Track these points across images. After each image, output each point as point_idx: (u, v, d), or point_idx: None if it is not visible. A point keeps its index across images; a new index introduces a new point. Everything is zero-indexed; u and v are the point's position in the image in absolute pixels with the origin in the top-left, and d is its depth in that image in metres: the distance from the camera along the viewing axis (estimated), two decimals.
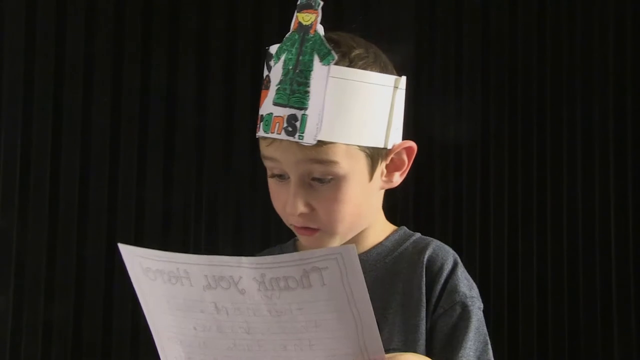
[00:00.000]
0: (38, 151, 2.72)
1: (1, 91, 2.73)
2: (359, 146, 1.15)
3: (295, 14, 1.16)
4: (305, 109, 1.11)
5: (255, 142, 1.26)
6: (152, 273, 0.92)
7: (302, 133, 1.11)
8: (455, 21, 2.82)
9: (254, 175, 2.73)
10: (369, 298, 0.89)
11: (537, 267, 2.73)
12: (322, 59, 1.12)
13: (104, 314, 2.69)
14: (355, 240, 1.21)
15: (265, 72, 1.19)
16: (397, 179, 1.23)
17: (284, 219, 1.20)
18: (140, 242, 2.78)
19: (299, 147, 1.12)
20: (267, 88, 1.17)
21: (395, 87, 1.18)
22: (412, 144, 1.22)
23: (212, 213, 2.74)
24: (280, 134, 1.13)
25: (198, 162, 2.77)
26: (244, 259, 0.88)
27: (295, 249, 1.30)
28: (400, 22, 2.73)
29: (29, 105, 2.73)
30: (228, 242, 2.70)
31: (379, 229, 1.26)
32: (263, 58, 1.21)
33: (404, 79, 1.19)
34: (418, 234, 1.27)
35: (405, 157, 1.22)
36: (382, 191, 1.24)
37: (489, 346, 1.18)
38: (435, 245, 1.23)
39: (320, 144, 1.11)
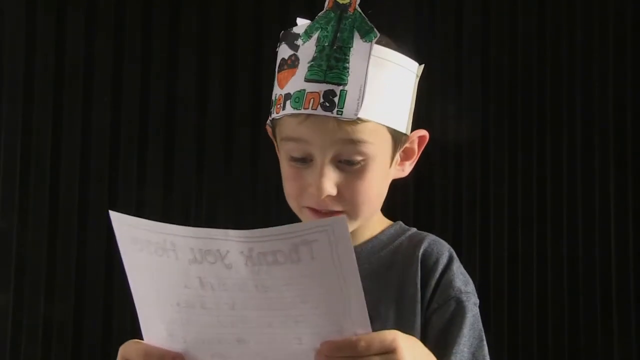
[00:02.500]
0: (38, 151, 2.72)
1: (1, 91, 2.73)
2: (387, 127, 1.14)
3: None
4: (345, 84, 1.09)
5: (255, 142, 1.26)
6: (140, 243, 0.90)
7: (342, 108, 1.09)
8: (455, 21, 2.82)
9: (254, 174, 2.73)
10: (357, 272, 0.87)
11: (537, 267, 2.73)
12: (363, 36, 1.11)
13: (104, 314, 2.69)
14: (352, 232, 1.19)
15: (289, 52, 1.14)
16: (408, 168, 1.24)
17: (298, 203, 1.17)
18: None
19: (336, 125, 1.10)
20: (294, 66, 1.13)
21: (417, 75, 1.19)
22: (426, 132, 1.24)
23: (212, 213, 2.74)
24: (316, 109, 1.09)
25: (198, 162, 2.77)
26: (231, 232, 0.85)
27: None
28: (401, 22, 2.73)
29: (29, 105, 2.73)
30: None
31: (376, 223, 1.25)
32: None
33: (422, 67, 1.19)
34: (414, 229, 1.27)
35: (416, 147, 1.23)
36: (390, 181, 1.24)
37: (485, 342, 1.17)
38: (431, 240, 1.23)
39: (357, 122, 1.10)
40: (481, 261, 2.71)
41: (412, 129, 1.23)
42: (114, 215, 0.90)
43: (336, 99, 1.09)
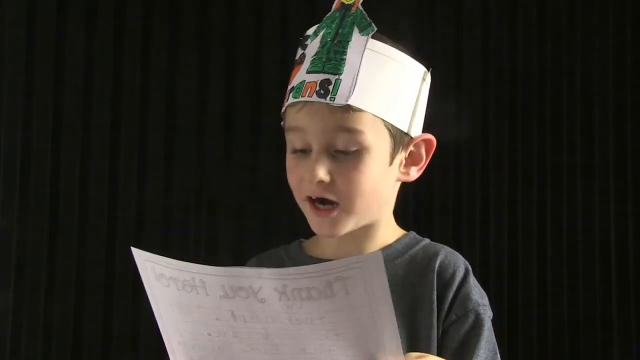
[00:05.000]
0: (38, 151, 2.72)
1: (1, 91, 2.73)
2: (384, 121, 1.16)
3: None
4: (340, 74, 1.13)
5: (255, 142, 1.27)
6: (166, 279, 0.91)
7: (334, 95, 1.12)
8: (455, 21, 2.82)
9: (254, 174, 2.73)
10: (392, 304, 0.88)
11: (537, 268, 2.73)
12: (361, 30, 1.15)
13: (104, 314, 2.69)
14: (364, 238, 1.20)
15: (300, 52, 1.20)
16: (414, 173, 1.24)
17: (299, 193, 1.19)
18: (140, 242, 2.79)
19: (328, 112, 1.13)
20: (302, 63, 1.18)
21: (423, 79, 1.22)
22: (432, 137, 1.24)
23: (212, 213, 2.74)
24: (312, 96, 1.13)
25: (198, 162, 2.77)
26: (264, 270, 0.86)
27: (301, 250, 1.27)
28: (400, 22, 2.73)
29: (29, 105, 2.73)
30: (228, 242, 2.70)
31: (389, 231, 1.25)
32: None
33: (429, 73, 1.22)
34: (427, 240, 1.26)
35: (423, 152, 1.24)
36: (398, 185, 1.24)
37: (498, 356, 1.19)
38: (447, 252, 1.22)
39: (349, 110, 1.13)
40: (481, 262, 2.71)
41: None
42: (137, 253, 0.91)
43: (330, 87, 1.13)
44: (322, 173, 1.14)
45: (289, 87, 1.18)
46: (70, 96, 2.75)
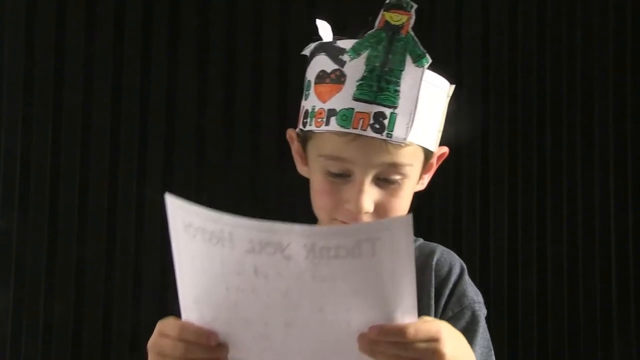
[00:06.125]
0: (38, 151, 2.72)
1: (1, 91, 2.73)
2: (423, 148, 1.17)
3: (382, 12, 1.15)
4: (395, 107, 1.11)
5: (255, 142, 1.26)
6: (193, 230, 0.91)
7: (391, 131, 1.10)
8: (455, 21, 2.82)
9: (254, 175, 2.73)
10: (414, 267, 0.89)
11: (537, 268, 2.73)
12: (415, 60, 1.13)
13: (104, 314, 2.69)
14: None
15: (332, 66, 1.14)
16: (426, 181, 1.27)
17: (329, 216, 1.17)
18: (141, 242, 2.79)
19: (383, 147, 1.11)
20: (340, 82, 1.13)
21: (448, 95, 1.21)
22: (447, 149, 1.26)
23: None
24: (365, 130, 1.10)
25: (198, 162, 2.77)
26: (296, 227, 0.86)
27: None
28: None
29: (29, 105, 2.73)
30: None
31: None
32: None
33: (453, 87, 1.21)
34: (421, 239, 1.28)
35: (435, 161, 1.26)
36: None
37: (492, 352, 1.20)
38: (443, 250, 1.25)
39: (403, 146, 1.11)
40: (481, 262, 2.71)
41: None
42: (170, 199, 0.91)
43: (386, 122, 1.10)
44: (369, 205, 1.14)
45: (324, 107, 1.14)
46: (70, 96, 2.75)
